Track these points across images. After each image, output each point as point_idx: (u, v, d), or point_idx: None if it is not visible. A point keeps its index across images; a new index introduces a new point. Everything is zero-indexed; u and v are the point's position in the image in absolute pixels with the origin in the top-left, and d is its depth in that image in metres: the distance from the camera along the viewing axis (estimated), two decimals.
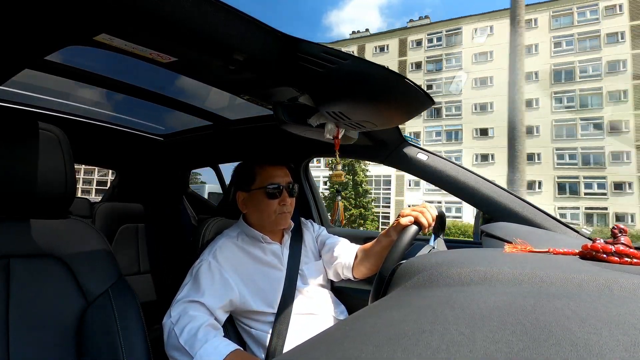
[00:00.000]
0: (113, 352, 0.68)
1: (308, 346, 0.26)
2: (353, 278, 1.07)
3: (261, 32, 0.61)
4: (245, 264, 0.97)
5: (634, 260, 0.43)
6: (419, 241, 1.00)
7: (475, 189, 1.07)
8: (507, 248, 0.54)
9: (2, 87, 1.18)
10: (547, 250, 0.53)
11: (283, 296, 0.95)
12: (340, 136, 0.92)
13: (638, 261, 0.43)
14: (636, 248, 0.46)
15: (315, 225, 1.19)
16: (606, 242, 0.47)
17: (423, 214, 0.86)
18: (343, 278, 1.09)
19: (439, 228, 0.95)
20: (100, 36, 0.61)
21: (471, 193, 1.08)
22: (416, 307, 0.30)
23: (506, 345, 0.21)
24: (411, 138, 1.19)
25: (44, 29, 0.61)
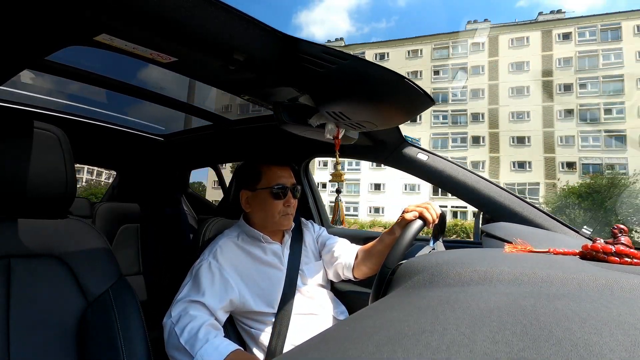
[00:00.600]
0: (113, 352, 0.68)
1: (308, 346, 0.26)
2: (353, 278, 1.07)
3: (261, 32, 0.61)
4: (245, 264, 0.96)
5: (634, 260, 0.43)
6: (420, 241, 1.00)
7: (475, 189, 1.07)
8: (507, 248, 0.54)
9: (2, 87, 1.18)
10: (547, 250, 0.53)
11: (283, 296, 0.95)
12: (340, 136, 0.92)
13: (638, 261, 0.43)
14: (636, 248, 0.46)
15: (315, 225, 1.19)
16: (606, 243, 0.47)
17: (427, 210, 0.87)
18: (343, 278, 1.09)
19: (439, 231, 0.95)
20: (100, 36, 0.61)
21: (471, 193, 1.08)
22: (416, 307, 0.30)
23: (506, 345, 0.20)
24: (411, 138, 1.19)
25: (44, 29, 0.61)
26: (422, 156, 1.16)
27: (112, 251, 0.80)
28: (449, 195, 1.14)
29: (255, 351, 0.93)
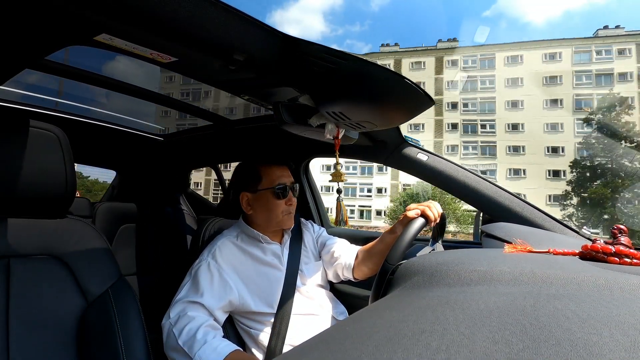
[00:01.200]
0: (113, 352, 0.68)
1: (308, 346, 0.26)
2: (353, 279, 1.07)
3: (261, 32, 0.61)
4: (244, 264, 0.96)
5: (634, 260, 0.43)
6: (419, 242, 1.00)
7: (475, 189, 1.07)
8: (507, 248, 0.54)
9: (2, 87, 1.18)
10: (547, 250, 0.53)
11: (282, 296, 0.95)
12: (340, 136, 0.92)
13: (638, 261, 0.43)
14: (636, 248, 0.46)
15: (315, 226, 1.19)
16: (606, 243, 0.47)
17: (430, 208, 0.87)
18: (343, 279, 1.09)
19: (438, 232, 0.95)
20: (100, 36, 0.61)
21: (471, 193, 1.08)
22: (416, 307, 0.30)
23: (506, 345, 0.20)
24: (411, 138, 1.19)
25: (44, 29, 0.61)
26: (422, 156, 1.16)
27: (112, 251, 0.80)
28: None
29: (254, 351, 0.93)
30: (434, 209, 0.88)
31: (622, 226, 0.50)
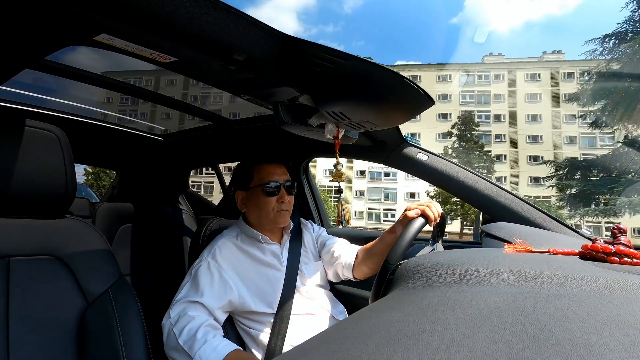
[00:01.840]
0: (113, 352, 0.68)
1: (308, 346, 0.26)
2: (353, 279, 1.07)
3: (261, 32, 0.61)
4: (244, 264, 0.96)
5: (634, 260, 0.43)
6: (419, 242, 1.00)
7: (475, 189, 1.07)
8: (507, 248, 0.54)
9: (2, 87, 1.18)
10: (547, 250, 0.53)
11: (282, 296, 0.95)
12: (340, 136, 0.92)
13: (638, 261, 0.43)
14: (636, 248, 0.46)
15: (315, 226, 1.19)
16: (606, 243, 0.47)
17: (430, 208, 0.87)
18: (343, 279, 1.09)
19: (438, 232, 0.95)
20: (100, 36, 0.61)
21: (471, 193, 1.08)
22: (416, 307, 0.30)
23: (506, 345, 0.21)
24: (411, 138, 1.19)
25: (44, 29, 0.61)
26: (422, 156, 1.16)
27: (112, 251, 0.79)
28: None
29: (254, 351, 0.93)
30: (434, 209, 0.88)
31: (622, 226, 0.50)
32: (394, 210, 29.76)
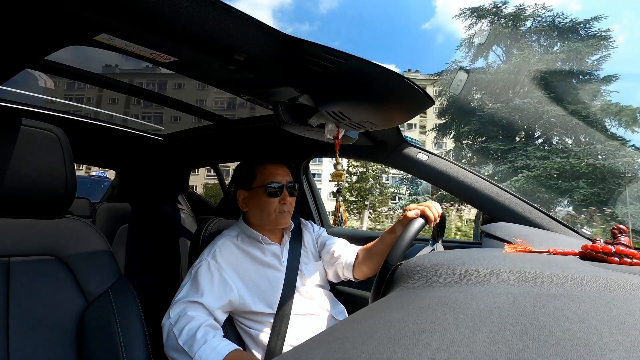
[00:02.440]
0: (113, 352, 0.68)
1: (308, 346, 0.26)
2: (353, 279, 1.07)
3: (261, 32, 0.61)
4: (244, 265, 0.96)
5: (634, 260, 0.43)
6: (419, 242, 1.00)
7: (475, 189, 1.07)
8: (507, 248, 0.54)
9: (2, 87, 1.18)
10: (547, 250, 0.53)
11: (282, 297, 0.95)
12: (340, 136, 0.92)
13: (638, 261, 0.43)
14: (636, 248, 0.46)
15: (315, 226, 1.19)
16: (606, 243, 0.47)
17: (429, 209, 0.87)
18: (343, 279, 1.09)
19: (438, 232, 0.95)
20: (100, 36, 0.61)
21: (471, 193, 1.08)
22: (416, 307, 0.30)
23: (506, 345, 0.20)
24: (411, 138, 1.19)
25: (44, 29, 0.61)
26: (422, 156, 1.16)
27: (112, 251, 0.79)
28: None
29: (254, 351, 0.93)
30: (434, 209, 0.88)
31: (622, 226, 0.50)
32: None
